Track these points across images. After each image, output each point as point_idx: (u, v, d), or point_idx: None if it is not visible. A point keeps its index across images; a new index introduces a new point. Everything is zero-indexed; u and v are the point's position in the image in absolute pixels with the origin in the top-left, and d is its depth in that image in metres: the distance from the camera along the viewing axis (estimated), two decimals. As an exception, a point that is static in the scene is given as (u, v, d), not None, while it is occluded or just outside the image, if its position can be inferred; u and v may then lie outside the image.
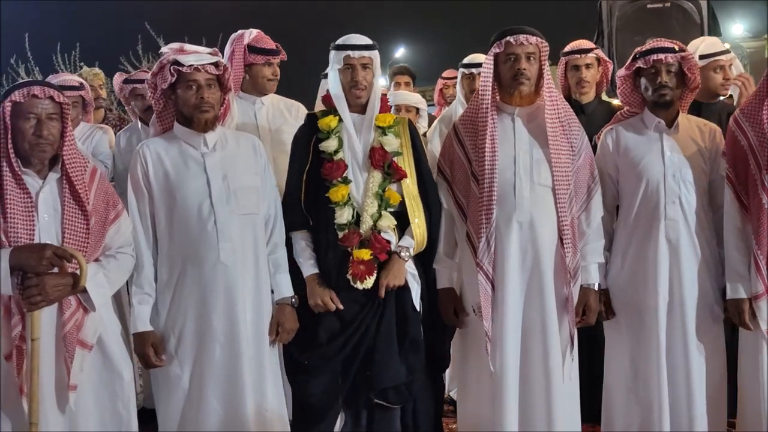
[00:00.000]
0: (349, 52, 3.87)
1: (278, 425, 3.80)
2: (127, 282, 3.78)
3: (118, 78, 5.76)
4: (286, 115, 4.78)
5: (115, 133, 5.48)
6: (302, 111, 4.84)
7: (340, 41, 3.94)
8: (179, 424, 3.71)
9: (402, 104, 5.99)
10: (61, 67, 11.86)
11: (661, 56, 3.97)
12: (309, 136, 3.96)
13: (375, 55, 3.93)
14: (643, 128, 4.11)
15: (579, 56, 5.07)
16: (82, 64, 8.41)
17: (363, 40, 3.93)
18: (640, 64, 4.02)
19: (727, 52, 4.80)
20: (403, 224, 3.90)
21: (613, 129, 4.18)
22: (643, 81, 4.05)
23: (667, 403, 3.97)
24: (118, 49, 12.26)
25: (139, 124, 5.31)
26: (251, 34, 4.63)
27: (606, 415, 4.20)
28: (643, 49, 4.06)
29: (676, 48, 4.02)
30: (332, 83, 3.94)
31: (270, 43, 4.66)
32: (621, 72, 4.14)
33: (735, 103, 4.87)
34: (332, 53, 3.94)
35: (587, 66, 5.06)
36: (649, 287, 3.99)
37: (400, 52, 28.25)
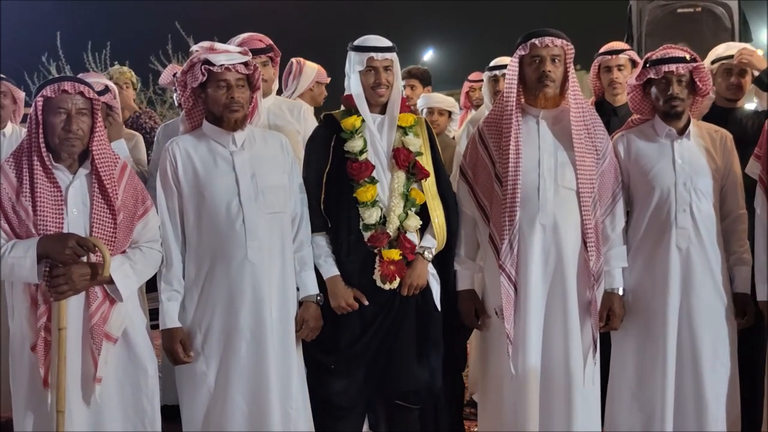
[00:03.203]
0: (372, 54, 3.88)
1: (303, 423, 3.83)
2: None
3: (170, 70, 5.77)
4: (287, 116, 4.71)
5: (144, 136, 5.50)
6: (305, 111, 4.81)
7: (359, 42, 3.94)
8: (204, 421, 3.73)
9: (435, 107, 6.00)
10: (91, 66, 11.99)
11: (673, 67, 3.92)
12: (328, 136, 3.95)
13: (395, 56, 3.94)
14: (654, 135, 4.07)
15: (611, 57, 5.03)
16: (116, 62, 8.46)
17: (384, 42, 3.94)
18: (651, 75, 3.97)
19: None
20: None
21: (624, 136, 4.14)
22: (653, 90, 4.01)
23: (671, 411, 3.95)
24: (148, 49, 12.37)
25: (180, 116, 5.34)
26: (238, 38, 4.49)
27: (608, 419, 4.15)
28: (654, 57, 4.02)
29: (688, 57, 3.97)
30: (353, 84, 3.94)
31: (255, 45, 4.44)
32: (631, 81, 4.10)
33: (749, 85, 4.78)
34: (352, 54, 3.94)
35: (619, 67, 5.01)
36: (657, 294, 3.97)
37: (428, 55, 28.23)
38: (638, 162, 4.05)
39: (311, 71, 6.14)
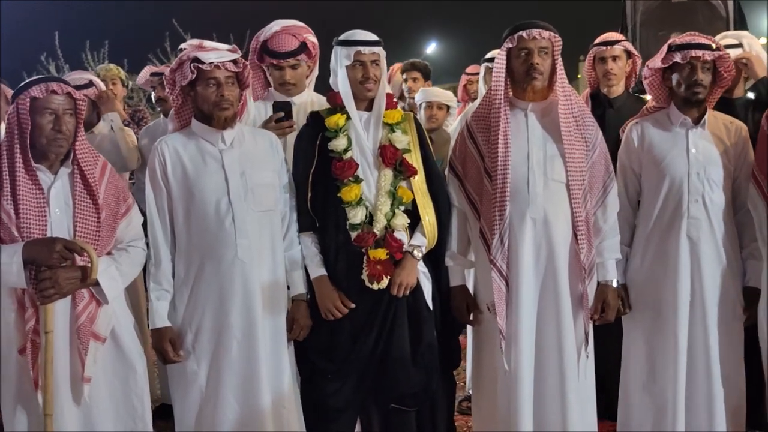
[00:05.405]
0: (360, 48, 3.82)
1: (295, 422, 3.82)
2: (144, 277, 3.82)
3: (146, 71, 5.80)
4: None
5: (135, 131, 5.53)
6: None
7: (345, 37, 3.88)
8: (196, 420, 3.73)
9: (434, 101, 5.95)
10: (90, 64, 11.99)
11: (699, 53, 3.90)
12: (313, 135, 3.90)
13: (382, 51, 3.89)
14: (669, 124, 4.06)
15: (605, 48, 5.00)
16: (105, 60, 8.45)
17: (371, 36, 3.88)
18: (677, 58, 3.94)
19: (730, 47, 4.61)
20: (411, 221, 3.87)
21: (638, 123, 4.13)
22: (675, 76, 3.99)
23: (683, 402, 3.95)
24: (146, 47, 12.38)
25: (161, 117, 5.33)
26: (270, 30, 4.34)
27: (622, 413, 4.18)
28: (680, 42, 3.98)
29: (714, 45, 3.95)
30: (340, 80, 3.88)
31: (285, 44, 4.30)
32: (655, 63, 4.05)
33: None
34: (339, 49, 3.88)
35: (614, 58, 4.98)
36: (668, 285, 3.96)
37: (431, 48, 28.24)
38: (651, 151, 4.04)
39: (398, 81, 6.60)
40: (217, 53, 3.69)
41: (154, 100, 5.49)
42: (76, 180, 3.45)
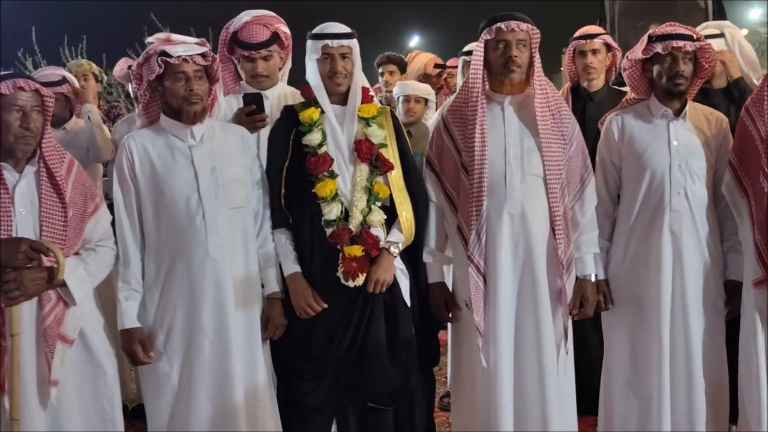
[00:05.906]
0: (327, 41, 3.75)
1: (270, 421, 3.76)
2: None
3: (123, 63, 5.71)
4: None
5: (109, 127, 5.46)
6: None
7: (317, 30, 3.82)
8: (169, 421, 3.67)
9: (411, 95, 5.90)
10: (68, 60, 11.87)
11: (681, 43, 3.85)
12: (287, 129, 3.83)
13: (354, 44, 3.81)
14: (650, 116, 4.00)
15: (585, 42, 4.96)
16: (80, 56, 8.36)
17: (341, 28, 3.81)
18: (658, 49, 3.88)
19: (711, 36, 4.55)
20: (388, 217, 3.81)
21: (619, 115, 4.07)
22: (656, 67, 3.93)
23: (669, 400, 3.90)
24: (124, 41, 12.29)
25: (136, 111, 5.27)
26: (239, 21, 4.21)
27: (603, 409, 4.14)
28: (661, 32, 3.93)
29: (694, 36, 3.90)
30: (311, 74, 3.82)
31: (256, 35, 4.16)
32: (635, 54, 3.99)
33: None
34: (309, 43, 3.82)
35: (594, 52, 4.95)
36: (651, 279, 3.91)
37: (414, 41, 28.22)
38: (631, 143, 3.99)
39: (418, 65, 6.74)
40: (185, 47, 3.61)
41: (132, 95, 5.41)
42: (42, 178, 3.37)
